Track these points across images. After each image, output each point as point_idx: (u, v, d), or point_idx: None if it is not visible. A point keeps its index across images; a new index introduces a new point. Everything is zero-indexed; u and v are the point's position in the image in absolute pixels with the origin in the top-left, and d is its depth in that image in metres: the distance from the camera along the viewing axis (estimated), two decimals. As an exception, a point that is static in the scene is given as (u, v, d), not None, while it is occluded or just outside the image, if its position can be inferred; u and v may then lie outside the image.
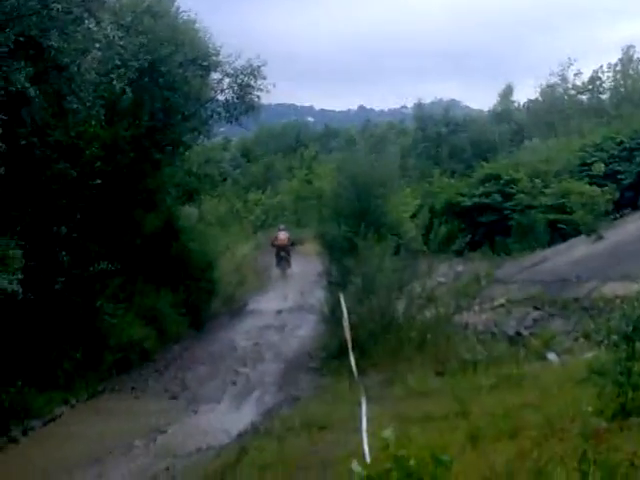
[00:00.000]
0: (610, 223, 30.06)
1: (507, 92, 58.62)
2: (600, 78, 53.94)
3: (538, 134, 48.24)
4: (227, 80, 21.96)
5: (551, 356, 15.67)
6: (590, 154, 37.16)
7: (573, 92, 55.29)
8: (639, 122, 38.75)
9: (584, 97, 54.96)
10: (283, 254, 34.47)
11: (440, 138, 52.20)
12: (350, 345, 9.14)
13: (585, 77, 54.65)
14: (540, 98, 56.88)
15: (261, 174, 57.47)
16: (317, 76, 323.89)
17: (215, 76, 22.11)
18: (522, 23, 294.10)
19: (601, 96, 54.23)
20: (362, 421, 7.56)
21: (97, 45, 15.19)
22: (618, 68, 53.20)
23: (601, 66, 54.18)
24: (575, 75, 54.83)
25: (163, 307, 21.35)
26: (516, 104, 59.60)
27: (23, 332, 15.13)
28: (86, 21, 14.46)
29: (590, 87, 54.40)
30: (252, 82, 21.77)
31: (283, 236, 34.82)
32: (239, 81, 21.78)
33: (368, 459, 6.54)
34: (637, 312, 8.44)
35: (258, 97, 22.05)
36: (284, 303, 28.08)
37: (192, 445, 13.19)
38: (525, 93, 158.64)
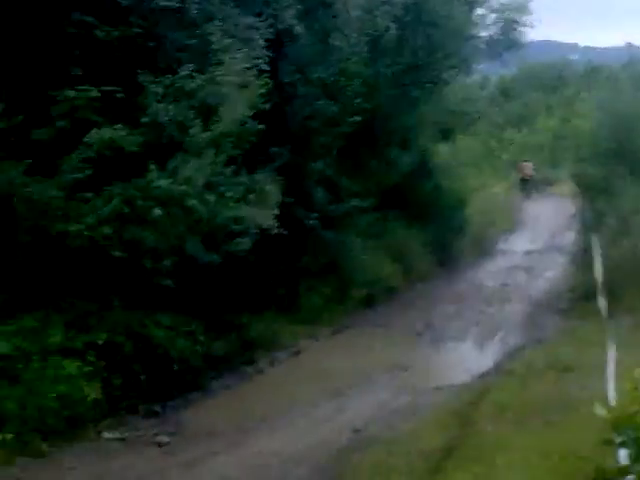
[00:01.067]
0: None
1: None
2: None
3: None
4: (492, 16, 21.59)
5: None
6: None
7: None
8: None
9: None
10: (528, 180, 37.67)
11: None
12: (600, 288, 8.85)
13: None
14: None
15: (518, 113, 56.03)
16: (583, 11, 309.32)
17: (480, 12, 21.71)
18: None
19: None
20: (609, 365, 7.26)
21: (365, -19, 15.18)
22: None
23: None
24: None
25: (411, 245, 21.41)
26: None
27: (274, 266, 15.57)
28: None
29: None
30: (518, 18, 21.20)
31: (528, 170, 37.84)
32: (505, 16, 21.26)
33: (613, 403, 6.25)
34: None
35: (523, 33, 21.52)
36: (534, 244, 27.57)
37: (434, 382, 13.38)
38: None
